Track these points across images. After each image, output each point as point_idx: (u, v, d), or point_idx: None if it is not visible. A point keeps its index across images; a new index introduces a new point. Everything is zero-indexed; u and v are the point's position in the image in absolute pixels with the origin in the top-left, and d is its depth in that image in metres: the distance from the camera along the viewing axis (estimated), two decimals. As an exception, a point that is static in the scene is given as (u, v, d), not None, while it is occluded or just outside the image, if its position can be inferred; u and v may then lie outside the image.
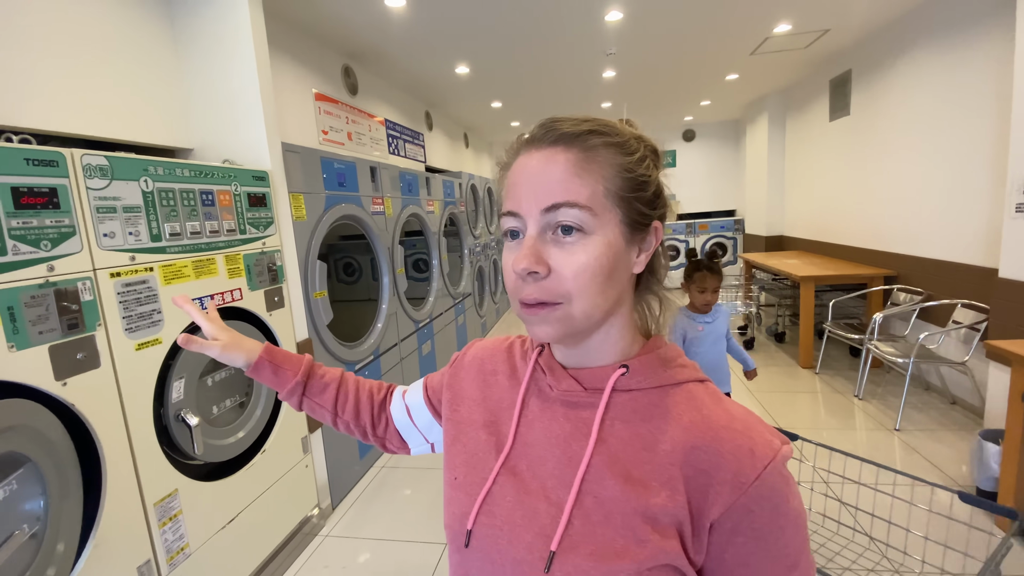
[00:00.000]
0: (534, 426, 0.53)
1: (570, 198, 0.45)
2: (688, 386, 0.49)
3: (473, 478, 0.54)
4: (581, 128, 0.47)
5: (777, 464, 0.43)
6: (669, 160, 7.56)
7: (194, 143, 2.04)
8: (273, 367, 0.69)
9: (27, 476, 1.03)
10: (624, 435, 0.48)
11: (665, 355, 0.51)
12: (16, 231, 1.07)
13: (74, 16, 1.60)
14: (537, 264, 0.44)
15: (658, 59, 3.92)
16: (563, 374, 0.52)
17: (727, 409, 0.47)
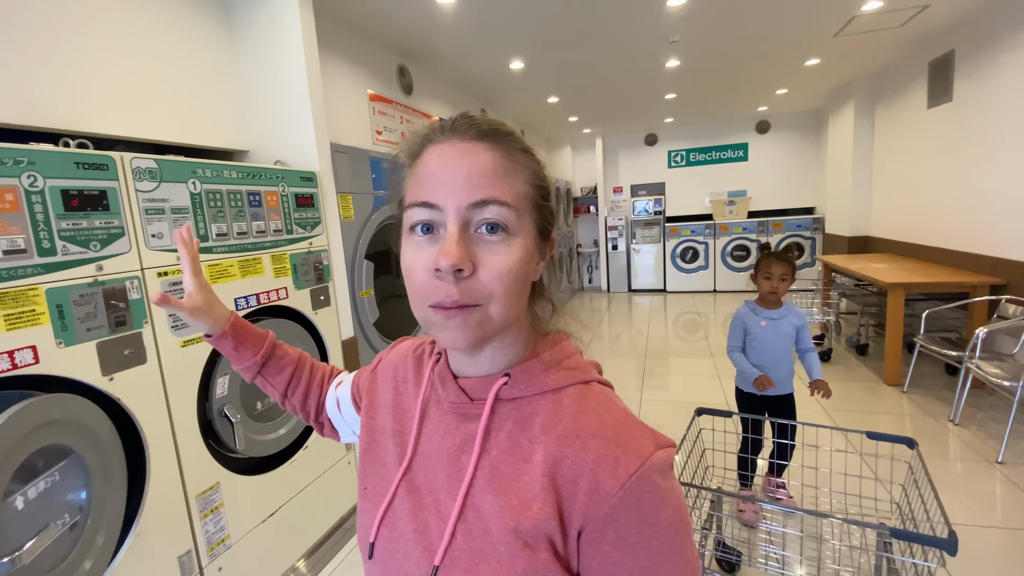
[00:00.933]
0: (432, 438, 0.52)
1: (499, 195, 0.43)
2: (570, 390, 0.48)
3: (380, 489, 0.54)
4: (504, 128, 0.46)
5: (645, 473, 0.41)
6: (741, 154, 7.12)
7: (250, 145, 2.11)
8: (235, 342, 0.69)
9: (70, 468, 1.07)
10: (505, 446, 0.47)
11: (550, 358, 0.49)
12: (66, 232, 1.12)
13: (137, 24, 1.69)
14: (465, 260, 0.42)
15: (727, 45, 3.65)
16: (452, 384, 0.51)
17: (600, 415, 0.45)
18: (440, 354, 0.55)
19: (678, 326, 5.30)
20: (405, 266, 0.46)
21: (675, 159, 7.47)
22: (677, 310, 6.06)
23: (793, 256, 2.03)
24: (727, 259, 6.81)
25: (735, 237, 6.73)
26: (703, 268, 6.96)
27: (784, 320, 2.01)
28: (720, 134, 7.21)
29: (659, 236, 7.15)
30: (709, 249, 6.88)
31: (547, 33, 3.15)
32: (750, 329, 2.04)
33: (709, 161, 7.33)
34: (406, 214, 0.46)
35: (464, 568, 0.44)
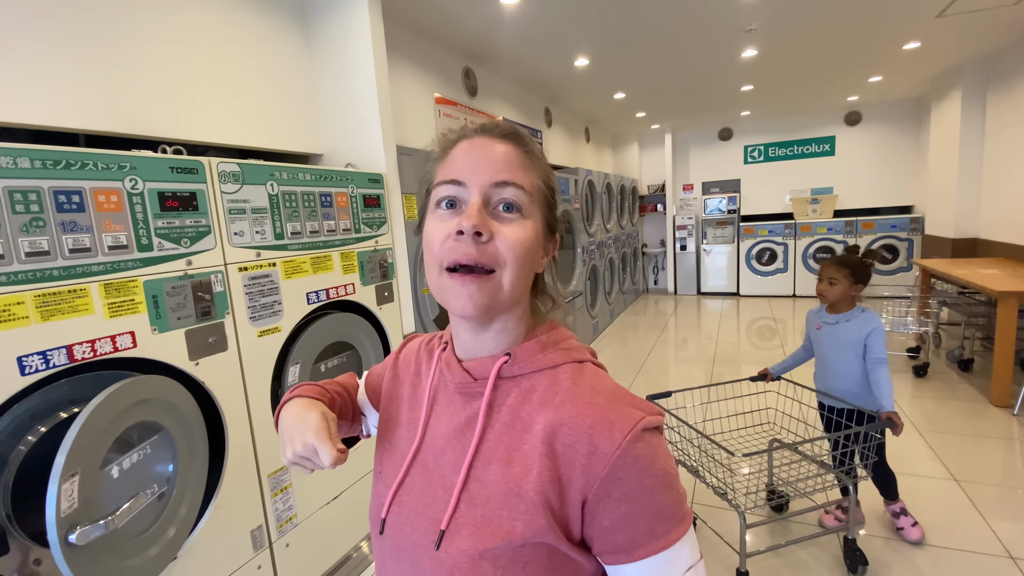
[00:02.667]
0: (440, 420, 0.56)
1: (518, 180, 0.51)
2: (566, 367, 0.52)
3: (392, 471, 0.58)
4: (523, 132, 0.54)
5: (637, 432, 0.46)
6: (827, 148, 6.62)
7: (323, 148, 2.24)
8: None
9: (160, 443, 1.20)
10: (507, 419, 0.51)
11: (547, 340, 0.54)
12: (161, 230, 1.25)
13: (225, 39, 1.84)
14: (485, 226, 0.48)
15: (812, 31, 3.40)
16: (457, 367, 0.55)
17: (593, 386, 0.50)
18: (448, 343, 0.60)
19: (751, 332, 5.01)
20: (426, 236, 0.52)
21: (752, 154, 7.06)
22: (751, 315, 5.73)
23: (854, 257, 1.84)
24: (808, 262, 6.34)
25: (819, 238, 6.26)
26: (781, 271, 6.52)
27: (843, 326, 1.83)
28: (803, 127, 6.72)
29: (733, 236, 6.79)
30: (788, 251, 6.44)
31: (614, 28, 3.09)
32: (808, 331, 1.99)
33: (790, 156, 6.86)
34: (433, 192, 0.53)
35: (468, 533, 0.48)
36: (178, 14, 1.67)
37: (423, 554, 0.50)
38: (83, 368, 1.12)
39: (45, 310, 1.04)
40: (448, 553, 0.48)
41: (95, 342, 1.12)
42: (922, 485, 2.24)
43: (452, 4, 2.58)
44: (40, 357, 1.04)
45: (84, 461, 1.01)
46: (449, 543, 0.48)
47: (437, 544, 0.49)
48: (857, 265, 1.81)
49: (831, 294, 1.83)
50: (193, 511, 1.27)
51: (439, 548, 0.49)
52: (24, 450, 1.04)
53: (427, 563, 0.49)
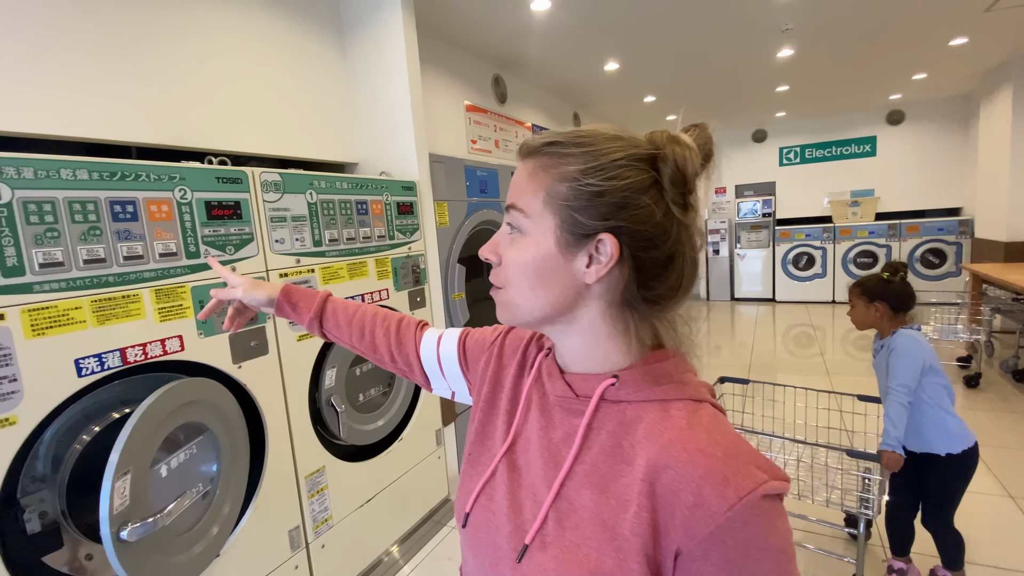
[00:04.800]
0: (534, 425, 0.55)
1: (514, 200, 0.51)
2: (680, 404, 0.48)
3: (483, 459, 0.59)
4: (541, 141, 0.50)
5: (756, 497, 0.40)
6: (868, 149, 6.39)
7: (358, 157, 2.29)
8: (291, 305, 0.79)
9: (205, 443, 1.24)
10: (607, 445, 0.48)
11: (662, 370, 0.50)
12: (208, 238, 1.30)
13: (268, 54, 1.91)
14: (490, 253, 0.53)
15: (852, 29, 3.30)
16: (559, 379, 0.54)
17: (711, 432, 0.45)
18: (550, 349, 0.59)
19: (788, 340, 4.86)
20: None
21: (787, 156, 6.87)
22: (788, 322, 5.56)
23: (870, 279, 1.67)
24: (849, 266, 6.12)
25: (859, 242, 6.03)
26: (820, 276, 6.31)
27: (882, 354, 1.64)
28: (842, 127, 6.51)
29: (768, 240, 6.61)
30: (827, 255, 6.22)
31: (645, 31, 3.06)
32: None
33: (828, 158, 6.64)
34: None
35: (553, 554, 0.46)
36: (221, 32, 1.74)
37: (503, 560, 0.50)
38: (134, 370, 1.17)
39: (101, 314, 1.09)
40: (530, 568, 0.47)
41: (146, 345, 1.17)
42: (974, 502, 2.12)
43: (482, 13, 2.61)
44: (96, 359, 1.09)
45: (136, 460, 1.06)
46: (532, 559, 0.47)
47: (519, 556, 0.48)
48: (870, 285, 1.65)
49: (853, 319, 1.71)
50: (235, 510, 1.31)
51: (520, 561, 0.48)
52: (79, 448, 1.09)
53: (507, 571, 0.49)
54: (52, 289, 1.02)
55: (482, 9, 2.56)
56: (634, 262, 0.47)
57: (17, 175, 0.98)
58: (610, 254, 0.47)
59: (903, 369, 1.53)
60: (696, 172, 0.47)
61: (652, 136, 0.48)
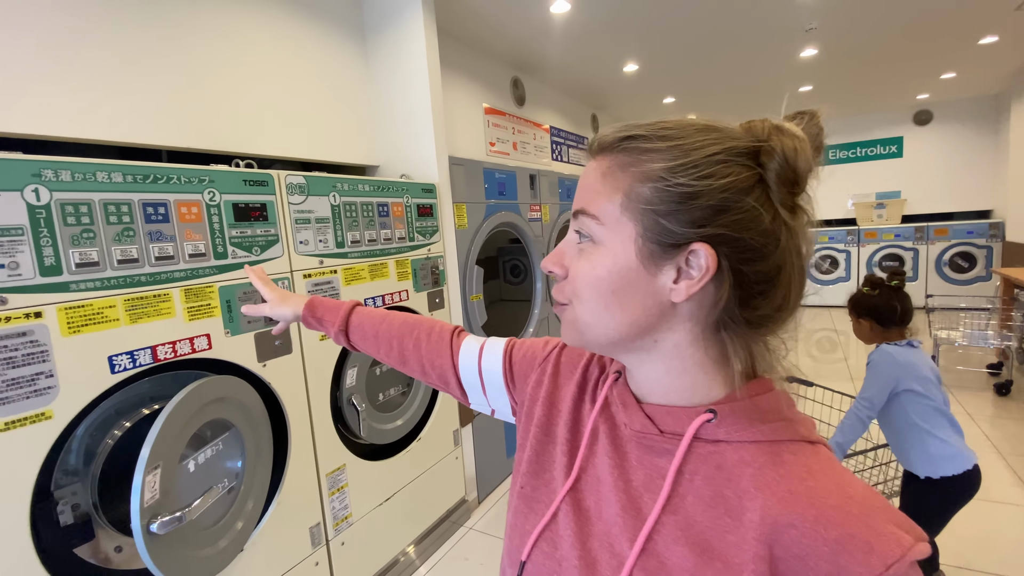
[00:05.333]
0: (604, 461, 0.48)
1: (586, 206, 0.44)
2: (792, 447, 0.41)
3: (540, 496, 0.51)
4: (617, 135, 0.44)
5: (903, 568, 0.34)
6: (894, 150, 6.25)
7: (380, 160, 2.32)
8: (316, 319, 0.79)
9: (230, 440, 1.26)
10: (704, 494, 0.41)
11: (766, 404, 0.42)
12: (235, 239, 1.33)
13: (293, 60, 1.95)
14: (555, 265, 0.47)
15: (877, 29, 3.23)
16: (637, 411, 0.46)
17: (842, 486, 0.37)
18: (620, 372, 0.51)
19: (810, 344, 4.77)
20: None
21: (809, 158, 6.74)
22: (810, 326, 5.46)
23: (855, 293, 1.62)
24: (874, 270, 5.98)
25: (885, 245, 5.89)
26: (843, 280, 6.18)
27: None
28: (867, 128, 6.37)
29: (788, 243, 6.49)
30: (851, 258, 6.10)
31: (665, 32, 3.05)
32: None
33: (852, 159, 6.51)
34: None
35: None
36: (247, 37, 1.78)
37: None
38: (163, 368, 1.21)
39: (133, 313, 1.13)
40: None
41: (176, 343, 1.20)
42: (1004, 514, 2.05)
43: (502, 16, 2.62)
44: (128, 357, 1.12)
45: (165, 455, 1.09)
46: None
47: None
48: (855, 300, 1.60)
49: (855, 334, 1.65)
50: (258, 506, 1.33)
51: None
52: (110, 443, 1.12)
53: None
54: (88, 288, 1.05)
55: (501, 12, 2.58)
56: (734, 276, 0.40)
57: (55, 177, 1.01)
58: (704, 267, 0.39)
59: (870, 384, 1.51)
60: (809, 167, 0.40)
61: (751, 126, 0.42)
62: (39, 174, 0.99)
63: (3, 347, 0.94)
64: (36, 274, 0.98)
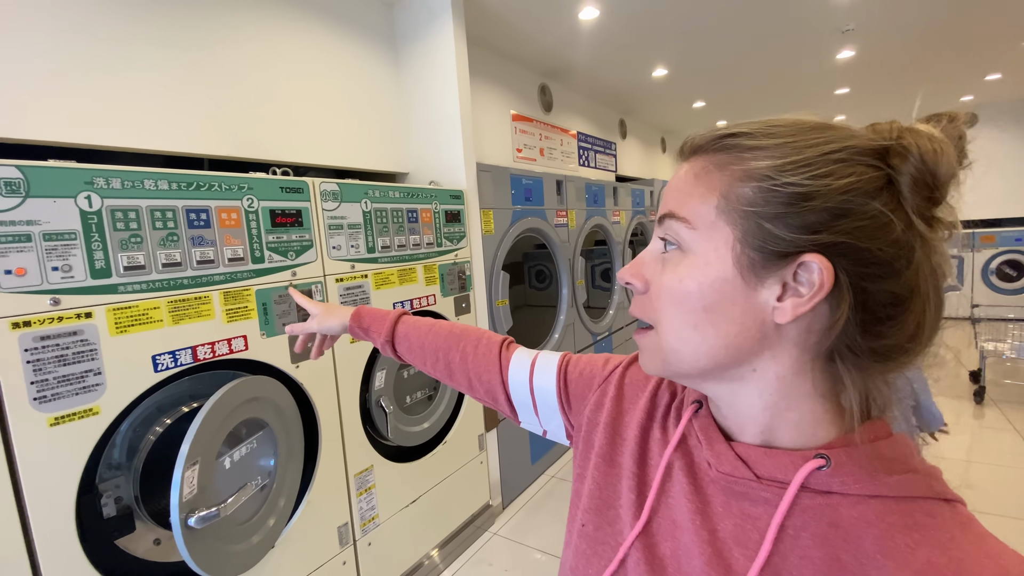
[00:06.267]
0: (682, 503, 0.41)
1: (673, 208, 0.39)
2: (927, 505, 0.33)
3: (604, 538, 0.45)
4: (717, 133, 0.39)
5: None
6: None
7: (410, 167, 2.36)
8: (362, 330, 0.78)
9: (264, 438, 1.30)
10: (816, 558, 0.34)
11: (890, 451, 0.35)
12: (271, 244, 1.37)
13: (327, 70, 2.00)
14: (633, 276, 0.41)
15: (918, 28, 3.13)
16: (726, 450, 0.40)
17: (995, 556, 0.31)
18: (700, 402, 0.44)
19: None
20: None
21: (845, 163, 6.55)
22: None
23: None
24: (913, 278, 5.75)
25: (925, 252, 5.65)
26: (879, 288, 5.96)
27: None
28: (906, 132, 6.14)
29: (822, 250, 6.30)
30: (888, 266, 5.87)
31: (696, 36, 3.01)
32: None
33: (890, 164, 6.28)
34: None
35: None
36: (282, 47, 1.84)
37: None
38: (202, 367, 1.25)
39: (175, 315, 1.17)
40: None
41: (214, 344, 1.24)
42: (1064, 538, 1.94)
43: (530, 23, 2.64)
44: (170, 356, 1.17)
45: (204, 451, 1.12)
46: None
47: None
48: None
49: None
50: (289, 504, 1.37)
51: None
52: (152, 439, 1.17)
53: None
54: (134, 290, 1.10)
55: (530, 20, 2.60)
56: (856, 296, 0.34)
57: (106, 185, 1.07)
58: (818, 283, 0.33)
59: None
60: (952, 172, 0.34)
61: (875, 127, 0.37)
62: (91, 182, 1.04)
63: (55, 345, 0.99)
64: (87, 276, 1.04)
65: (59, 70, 1.28)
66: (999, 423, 2.97)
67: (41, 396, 0.97)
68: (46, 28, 1.26)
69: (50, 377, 0.98)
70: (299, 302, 0.90)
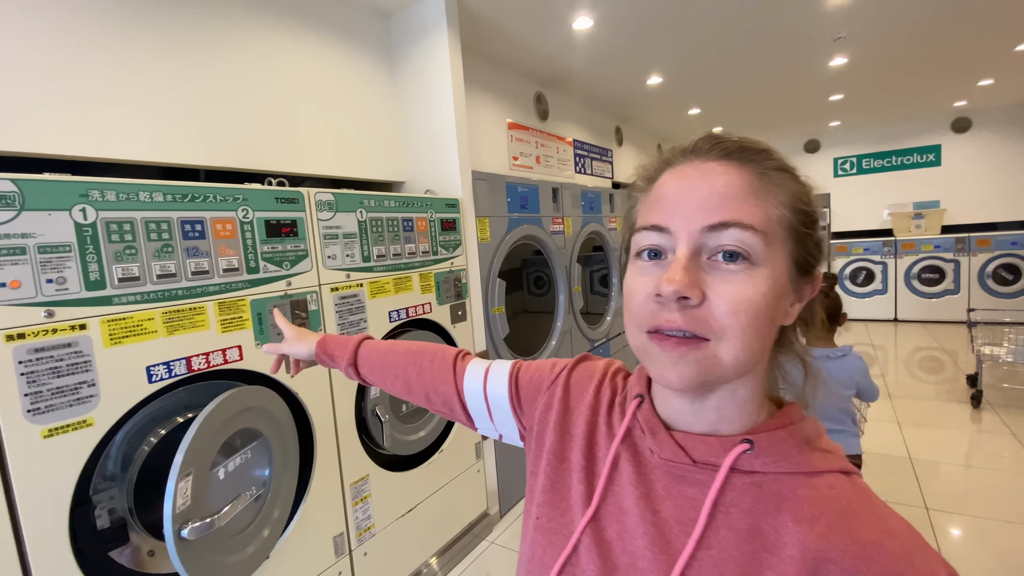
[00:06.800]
0: (627, 489, 0.46)
1: (743, 218, 0.38)
2: (830, 478, 0.40)
3: (557, 527, 0.48)
4: (757, 145, 0.42)
5: None
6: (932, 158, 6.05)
7: (406, 176, 2.38)
8: (328, 356, 0.80)
9: (259, 448, 1.30)
10: (740, 528, 0.39)
11: (804, 432, 0.42)
12: (267, 254, 1.38)
13: (323, 80, 2.02)
14: (692, 288, 0.38)
15: (910, 35, 3.16)
16: (667, 439, 0.44)
17: (882, 520, 0.37)
18: (642, 396, 0.48)
19: (843, 358, 4.61)
20: (626, 290, 0.43)
21: (843, 167, 6.59)
22: (846, 341, 5.26)
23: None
24: (912, 283, 5.76)
25: (924, 256, 5.68)
26: (880, 292, 5.97)
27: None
28: (902, 136, 6.19)
29: (821, 255, 6.31)
30: (888, 270, 5.89)
31: (688, 45, 3.04)
32: None
33: (888, 168, 6.32)
34: (634, 238, 0.44)
35: None
36: (279, 60, 1.86)
37: None
38: (197, 378, 1.25)
39: (170, 325, 1.18)
40: None
41: (209, 354, 1.25)
42: (1063, 543, 1.93)
43: (526, 33, 2.67)
44: (164, 367, 1.17)
45: (197, 462, 1.12)
46: None
47: None
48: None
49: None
50: (284, 514, 1.36)
51: None
52: (146, 450, 1.17)
53: None
54: (129, 302, 1.11)
55: (525, 30, 2.62)
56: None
57: (101, 197, 1.07)
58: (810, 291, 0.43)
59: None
60: None
61: None
62: (87, 194, 1.05)
63: (49, 357, 0.99)
64: (82, 288, 1.04)
65: (54, 82, 1.29)
66: (996, 427, 2.97)
67: (35, 408, 0.98)
68: (40, 40, 1.27)
69: (44, 389, 0.99)
70: (277, 322, 0.90)
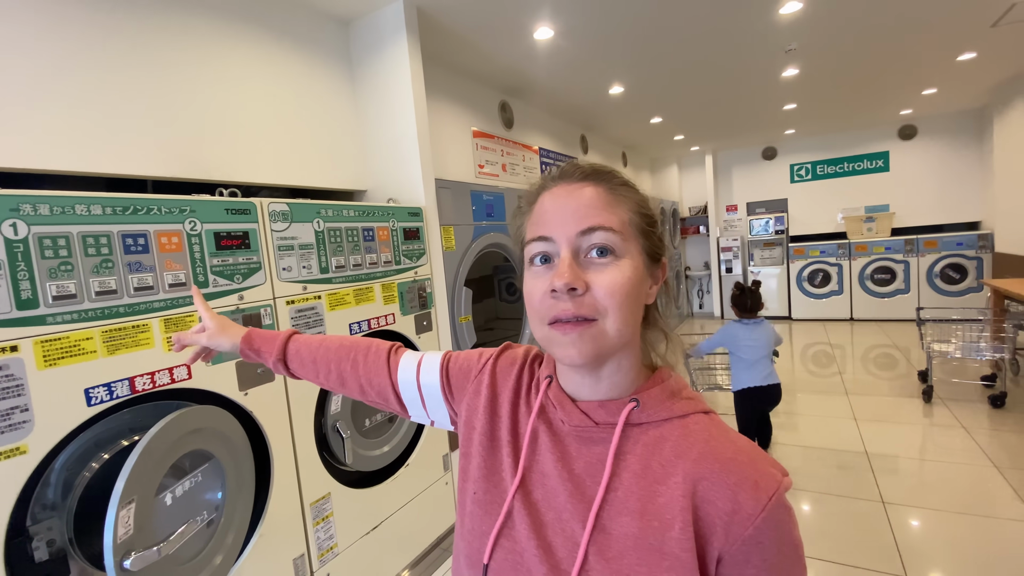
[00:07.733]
0: (546, 457, 0.54)
1: (604, 223, 0.49)
2: (694, 417, 0.51)
3: (492, 498, 0.55)
4: (605, 169, 0.53)
5: (780, 496, 0.45)
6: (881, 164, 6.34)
7: (368, 185, 2.34)
8: (254, 351, 0.79)
9: (210, 471, 1.25)
10: (636, 469, 0.49)
11: (672, 387, 0.53)
12: (216, 268, 1.33)
13: (279, 87, 1.98)
14: (577, 280, 0.48)
15: (856, 48, 3.31)
16: (573, 408, 0.53)
17: (733, 441, 0.48)
18: (551, 377, 0.58)
19: (807, 359, 4.76)
20: (526, 292, 0.52)
21: (799, 173, 6.84)
22: (805, 340, 5.45)
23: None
24: (866, 283, 6.01)
25: (876, 258, 5.93)
26: (836, 293, 6.20)
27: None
28: (853, 143, 6.47)
29: (782, 257, 6.53)
30: (843, 272, 6.13)
31: (648, 56, 3.11)
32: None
33: (841, 174, 6.59)
34: (526, 250, 0.53)
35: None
36: (233, 65, 1.81)
37: None
38: (143, 399, 1.20)
39: (111, 344, 1.12)
40: None
41: (155, 374, 1.19)
42: (1005, 529, 2.02)
43: (487, 42, 2.68)
44: (105, 389, 1.11)
45: (141, 488, 1.07)
46: None
47: None
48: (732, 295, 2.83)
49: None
50: (239, 539, 1.31)
51: None
52: (88, 476, 1.11)
53: None
54: (64, 320, 1.05)
55: (487, 39, 2.63)
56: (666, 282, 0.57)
57: (34, 211, 1.02)
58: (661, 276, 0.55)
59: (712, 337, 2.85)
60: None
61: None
62: (17, 208, 1.00)
63: (-23, 382, 0.93)
64: (12, 308, 0.98)
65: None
66: (947, 420, 3.11)
67: (-43, 437, 0.91)
68: (-30, 49, 1.20)
69: (-33, 417, 0.92)
70: (197, 307, 0.86)
